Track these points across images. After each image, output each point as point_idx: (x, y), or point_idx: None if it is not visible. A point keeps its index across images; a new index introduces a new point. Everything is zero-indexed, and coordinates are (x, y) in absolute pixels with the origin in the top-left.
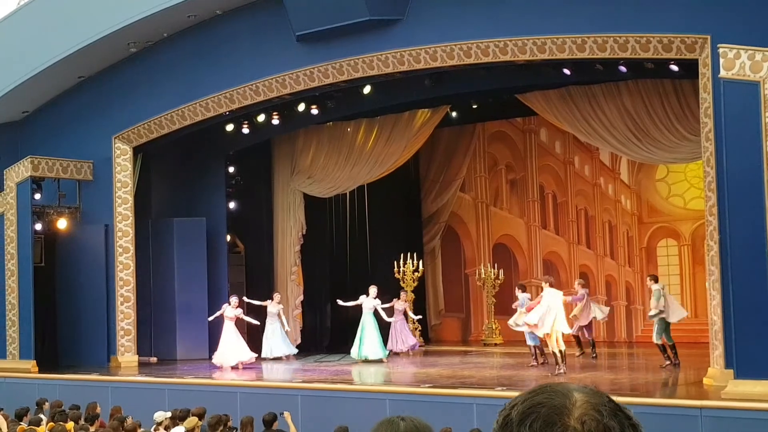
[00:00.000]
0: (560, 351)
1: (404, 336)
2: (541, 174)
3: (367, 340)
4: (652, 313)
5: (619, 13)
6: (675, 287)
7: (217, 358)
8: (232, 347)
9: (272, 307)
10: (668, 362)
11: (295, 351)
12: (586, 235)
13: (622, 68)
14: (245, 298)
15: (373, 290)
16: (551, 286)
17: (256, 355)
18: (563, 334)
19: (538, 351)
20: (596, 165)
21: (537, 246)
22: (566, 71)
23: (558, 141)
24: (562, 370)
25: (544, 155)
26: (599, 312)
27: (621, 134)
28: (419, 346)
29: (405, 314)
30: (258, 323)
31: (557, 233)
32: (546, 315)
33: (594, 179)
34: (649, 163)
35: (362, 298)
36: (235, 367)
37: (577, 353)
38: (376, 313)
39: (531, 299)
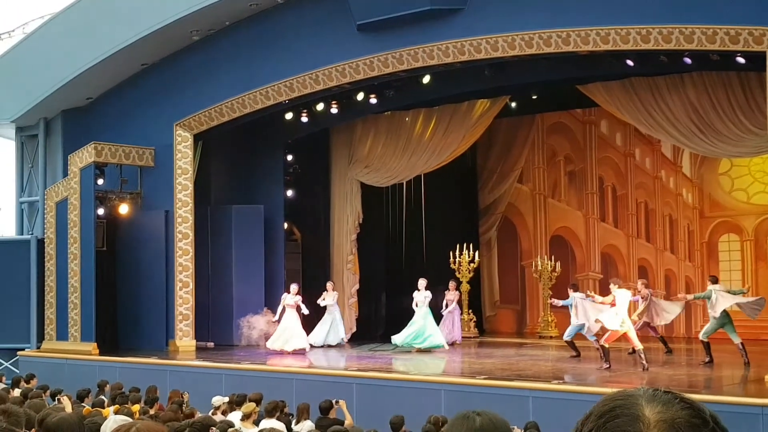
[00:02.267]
0: (603, 347)
1: (451, 327)
2: (601, 166)
3: (425, 330)
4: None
5: (686, 4)
6: (737, 283)
7: (270, 342)
8: (289, 333)
9: (329, 298)
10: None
11: (345, 338)
12: (646, 228)
13: (687, 60)
14: (321, 302)
15: (422, 283)
16: (620, 287)
17: (310, 345)
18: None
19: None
20: (657, 157)
21: (595, 239)
22: (629, 62)
23: (619, 133)
24: (606, 365)
25: (605, 147)
26: (667, 315)
27: (684, 127)
28: (460, 340)
29: (459, 304)
30: (308, 313)
31: (616, 226)
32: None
33: (655, 172)
34: (713, 156)
35: (415, 294)
36: (286, 353)
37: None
38: (430, 304)
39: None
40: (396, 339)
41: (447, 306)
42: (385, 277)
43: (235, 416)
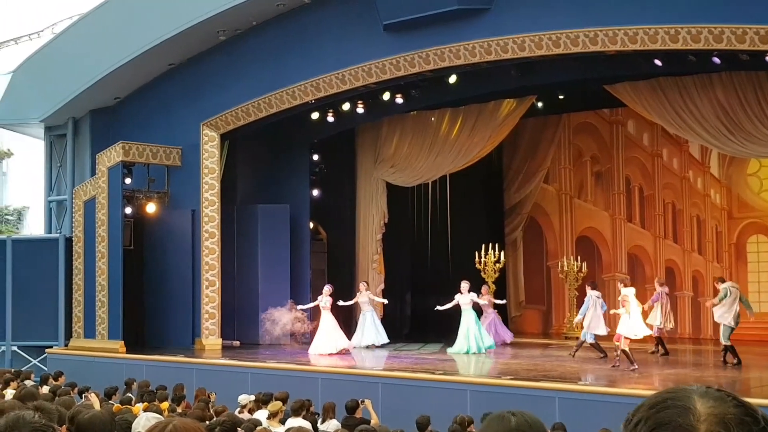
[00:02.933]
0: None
1: (497, 329)
2: (628, 166)
3: (472, 334)
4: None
5: (715, 3)
6: (765, 284)
7: (312, 348)
8: (327, 337)
9: (362, 297)
10: (735, 362)
11: (386, 340)
12: (673, 229)
13: (716, 59)
14: (340, 301)
15: (465, 285)
16: (626, 285)
17: (352, 345)
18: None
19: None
20: (685, 158)
21: (622, 239)
22: (657, 62)
23: (646, 133)
24: (633, 367)
25: (631, 147)
26: (659, 318)
27: (712, 127)
28: (509, 339)
29: (494, 306)
30: (347, 303)
31: (643, 227)
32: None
33: (682, 172)
34: (741, 156)
35: (458, 297)
36: (330, 354)
37: (652, 351)
38: (475, 307)
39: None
40: (452, 350)
41: (485, 309)
42: (411, 277)
43: (261, 415)
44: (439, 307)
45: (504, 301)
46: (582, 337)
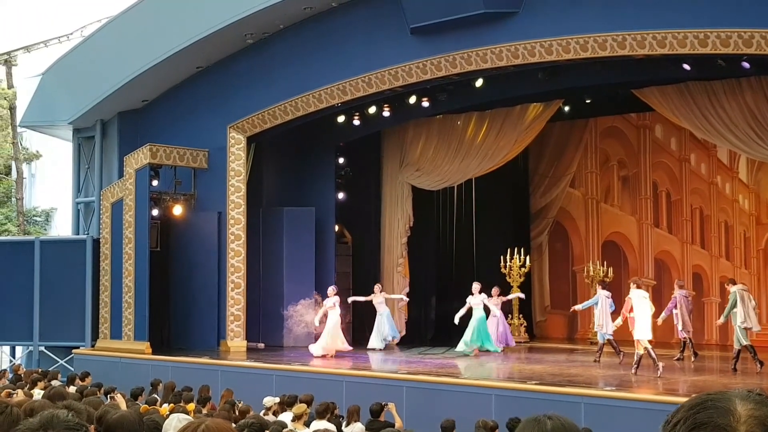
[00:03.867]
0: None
1: (498, 334)
2: (655, 171)
3: (477, 334)
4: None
5: (744, 7)
6: None
7: (313, 348)
8: (328, 337)
9: (377, 298)
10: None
11: (397, 334)
12: (701, 234)
13: (745, 64)
14: (350, 299)
15: (475, 287)
16: (638, 287)
17: (350, 348)
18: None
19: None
20: (713, 163)
21: (649, 245)
22: (686, 66)
23: (673, 138)
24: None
25: (659, 152)
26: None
27: (741, 131)
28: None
29: (505, 309)
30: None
31: (670, 232)
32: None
33: (710, 177)
34: None
35: (469, 299)
36: (324, 356)
37: (677, 357)
38: (485, 308)
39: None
40: (457, 349)
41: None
42: (435, 281)
43: (286, 417)
44: (456, 319)
45: (514, 296)
46: (600, 339)
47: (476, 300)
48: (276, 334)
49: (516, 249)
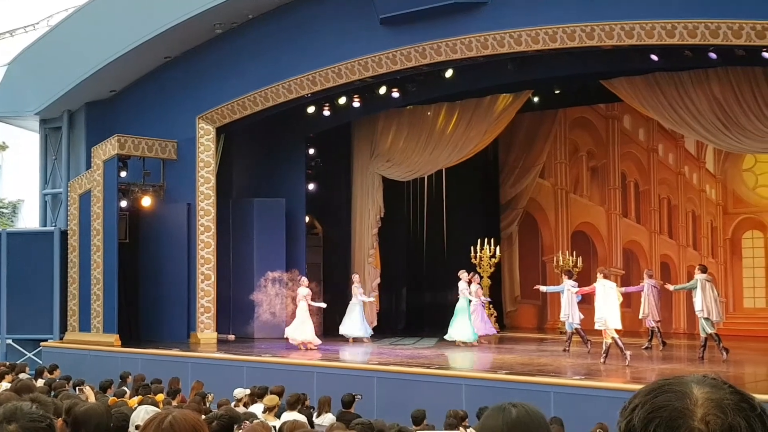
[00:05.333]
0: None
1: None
2: (624, 161)
3: (456, 323)
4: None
5: None
6: (760, 280)
7: (287, 332)
8: (301, 325)
9: (354, 288)
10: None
11: (370, 334)
12: (669, 224)
13: (712, 55)
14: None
15: (462, 275)
16: (605, 276)
17: (319, 342)
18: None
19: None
20: (681, 153)
21: (617, 234)
22: (654, 57)
23: (642, 128)
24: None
25: (627, 142)
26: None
27: (708, 122)
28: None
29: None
30: (324, 305)
31: (638, 222)
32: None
33: (678, 168)
34: (737, 152)
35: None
36: (297, 347)
37: (645, 346)
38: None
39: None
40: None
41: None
42: (406, 272)
43: (256, 408)
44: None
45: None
46: (567, 329)
47: (461, 287)
48: (246, 326)
49: (486, 239)
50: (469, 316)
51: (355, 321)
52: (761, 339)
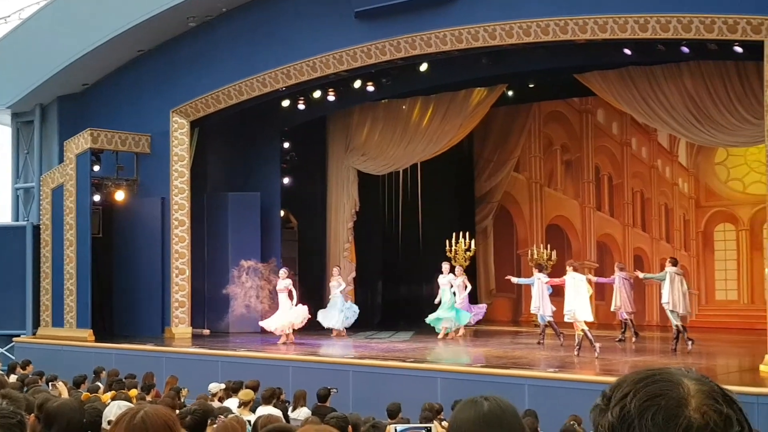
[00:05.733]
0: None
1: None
2: (597, 155)
3: (440, 312)
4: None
5: None
6: (732, 272)
7: (265, 322)
8: (282, 316)
9: (333, 281)
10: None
11: (346, 326)
12: (642, 217)
13: (685, 49)
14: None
15: (444, 267)
16: (575, 269)
17: (293, 339)
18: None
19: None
20: (654, 147)
21: (591, 228)
22: (627, 51)
23: (615, 122)
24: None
25: (601, 136)
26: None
27: (681, 116)
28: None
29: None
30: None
31: (612, 215)
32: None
33: (651, 161)
34: (709, 145)
35: (440, 278)
36: (278, 337)
37: (618, 338)
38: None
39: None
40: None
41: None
42: (382, 265)
43: (231, 403)
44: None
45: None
46: (540, 322)
47: (443, 281)
48: (221, 321)
49: (461, 233)
50: (453, 308)
51: (334, 313)
52: (733, 331)
